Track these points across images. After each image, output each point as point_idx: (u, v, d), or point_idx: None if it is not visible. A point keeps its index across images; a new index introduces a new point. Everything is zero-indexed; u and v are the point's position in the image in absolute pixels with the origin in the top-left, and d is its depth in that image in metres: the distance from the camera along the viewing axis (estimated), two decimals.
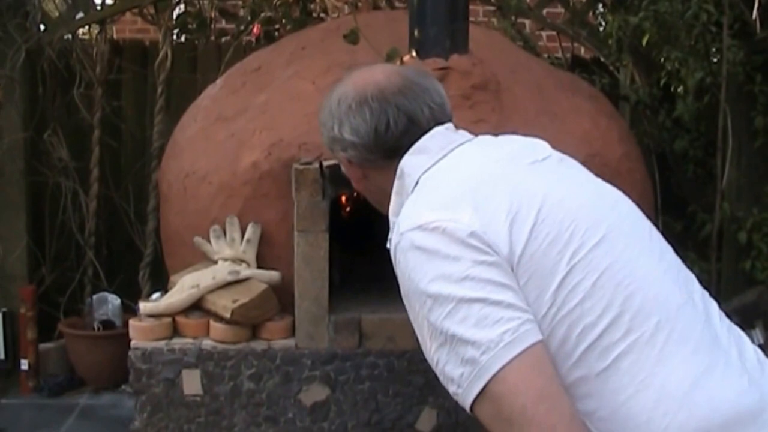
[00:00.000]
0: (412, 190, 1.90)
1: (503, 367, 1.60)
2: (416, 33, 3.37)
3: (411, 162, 1.93)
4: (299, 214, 3.22)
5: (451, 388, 1.72)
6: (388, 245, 1.85)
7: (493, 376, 1.60)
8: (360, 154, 2.01)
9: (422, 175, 1.90)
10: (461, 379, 1.67)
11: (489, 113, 3.42)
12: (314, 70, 3.65)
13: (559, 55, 5.43)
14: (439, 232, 1.70)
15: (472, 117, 3.37)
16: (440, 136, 1.97)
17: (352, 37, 3.38)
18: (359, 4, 4.97)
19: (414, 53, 3.37)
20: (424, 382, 3.27)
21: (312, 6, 5.43)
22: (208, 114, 3.81)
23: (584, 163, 3.37)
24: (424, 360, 3.17)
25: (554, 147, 3.40)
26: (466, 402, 1.68)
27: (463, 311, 1.65)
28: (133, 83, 5.45)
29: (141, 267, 5.25)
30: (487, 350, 1.61)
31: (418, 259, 1.72)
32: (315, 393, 3.27)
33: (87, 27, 5.45)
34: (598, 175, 3.36)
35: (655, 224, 3.41)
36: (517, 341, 1.60)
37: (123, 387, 4.65)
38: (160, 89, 5.18)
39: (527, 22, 6.01)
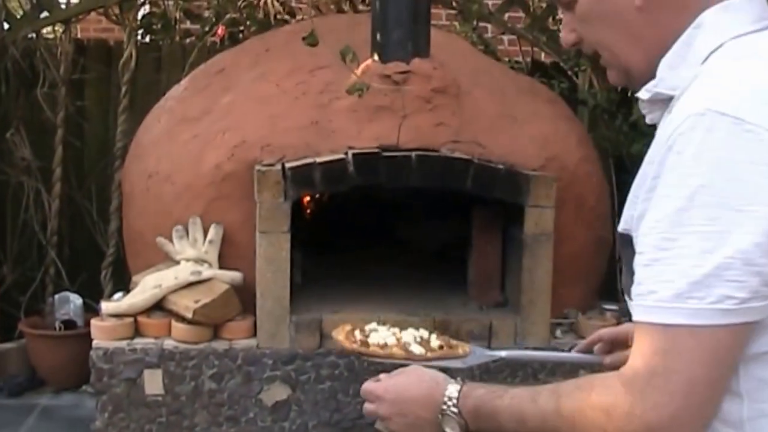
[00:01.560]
0: (711, 53, 1.56)
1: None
2: (378, 37, 3.43)
3: (719, 18, 1.58)
4: (261, 215, 3.26)
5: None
6: (643, 96, 1.64)
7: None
8: None
9: (730, 41, 1.56)
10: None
11: (449, 117, 3.47)
12: (278, 73, 3.70)
13: (520, 59, 5.49)
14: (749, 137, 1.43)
15: (432, 120, 3.43)
16: (754, 3, 1.61)
17: (310, 39, 3.42)
18: (320, 7, 5.01)
19: (376, 57, 3.41)
20: None
21: (275, 8, 5.45)
22: (172, 115, 3.85)
23: (543, 167, 3.49)
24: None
25: (512, 151, 3.50)
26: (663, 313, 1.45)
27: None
28: (97, 83, 5.46)
29: (103, 267, 5.25)
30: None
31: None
32: (276, 393, 3.31)
33: (51, 26, 5.44)
34: (557, 177, 3.47)
35: (612, 227, 3.50)
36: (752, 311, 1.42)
37: (84, 387, 4.64)
38: (124, 89, 5.18)
39: (489, 26, 6.06)
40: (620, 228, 1.64)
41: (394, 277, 3.84)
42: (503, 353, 2.22)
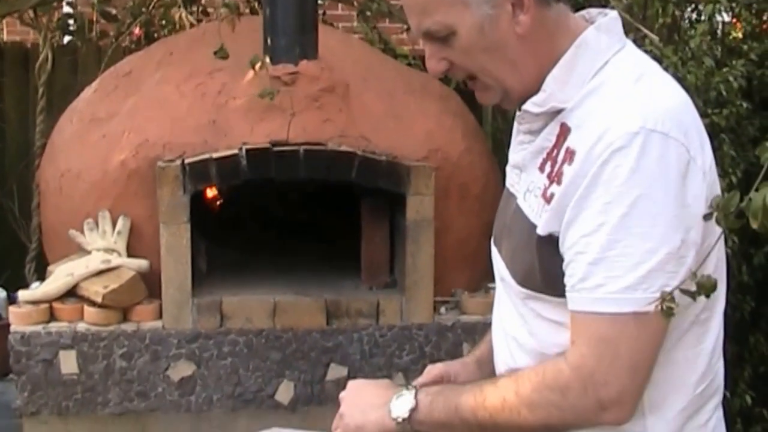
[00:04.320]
0: (599, 70, 1.79)
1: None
2: (269, 41, 3.70)
3: (599, 38, 1.79)
4: (162, 207, 3.53)
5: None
6: (534, 110, 1.83)
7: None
8: None
9: (613, 58, 1.79)
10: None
11: (336, 114, 3.75)
12: (178, 76, 3.94)
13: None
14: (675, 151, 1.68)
15: (320, 117, 3.71)
16: (618, 23, 1.84)
17: (221, 53, 3.66)
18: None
19: (267, 59, 3.69)
20: (281, 358, 3.61)
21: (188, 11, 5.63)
22: (82, 116, 4.08)
23: (425, 159, 3.78)
24: (280, 337, 3.54)
25: (397, 145, 3.78)
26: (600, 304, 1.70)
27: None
28: (15, 85, 5.62)
29: (26, 262, 5.44)
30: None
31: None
32: (182, 369, 3.57)
33: None
34: (439, 167, 3.75)
35: None
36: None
37: (11, 376, 4.83)
38: (41, 91, 5.32)
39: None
40: (541, 232, 1.79)
41: (293, 263, 4.10)
42: None
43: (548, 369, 1.77)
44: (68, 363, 3.53)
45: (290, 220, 4.46)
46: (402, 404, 1.92)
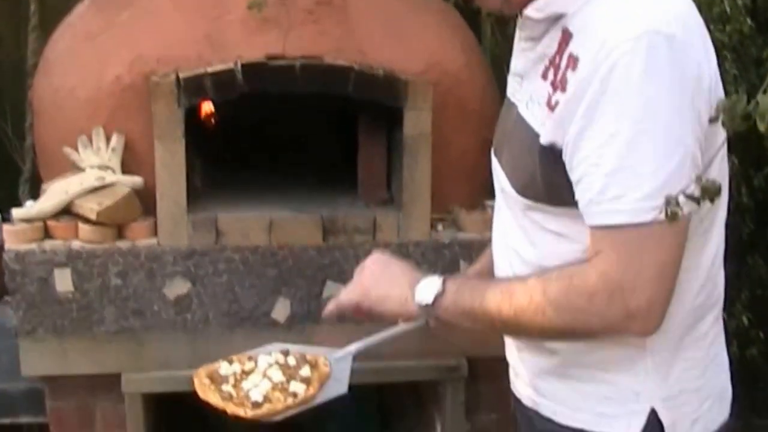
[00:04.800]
0: None
1: None
2: None
3: None
4: (156, 122, 3.47)
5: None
6: (535, 15, 1.83)
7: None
8: None
9: None
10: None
11: (333, 28, 3.69)
12: None
13: None
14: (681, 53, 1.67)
15: (316, 30, 3.65)
16: None
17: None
18: None
19: None
20: (277, 275, 3.58)
21: None
22: (75, 32, 4.00)
23: (423, 73, 3.72)
24: (276, 254, 3.51)
25: (395, 59, 3.73)
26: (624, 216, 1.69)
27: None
28: (5, 2, 5.53)
29: (21, 183, 5.41)
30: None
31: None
32: (177, 287, 3.54)
33: None
34: (437, 82, 3.70)
35: None
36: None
37: (6, 298, 4.82)
38: (33, 7, 5.28)
39: None
40: (544, 141, 1.78)
41: (289, 180, 4.07)
42: (353, 348, 2.19)
43: (576, 273, 1.75)
44: (63, 281, 3.49)
45: (286, 138, 4.40)
46: (428, 288, 1.92)
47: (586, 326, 1.76)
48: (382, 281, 2.03)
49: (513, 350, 2.17)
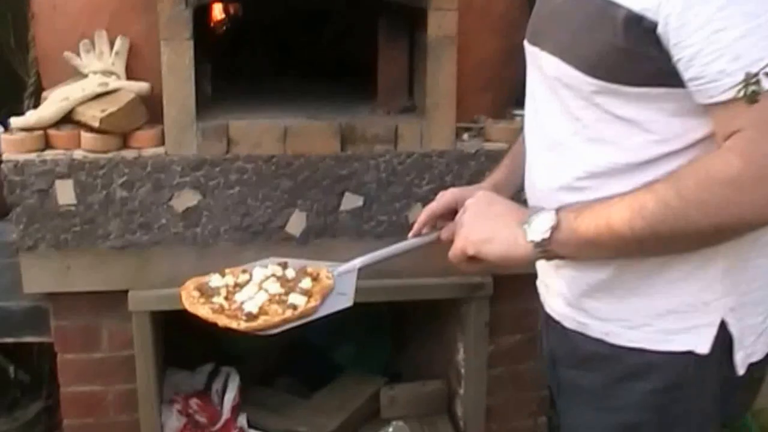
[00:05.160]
0: None
1: None
2: None
3: None
4: (163, 23, 3.25)
5: None
6: None
7: None
8: None
9: None
10: None
11: None
12: None
13: None
14: None
15: None
16: None
17: None
18: None
19: None
20: (292, 186, 3.38)
21: None
22: None
23: None
24: (291, 164, 3.31)
25: None
26: None
27: None
28: None
29: (25, 97, 5.21)
30: None
31: None
32: (186, 199, 3.34)
33: None
34: None
35: None
36: None
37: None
38: None
39: None
40: (625, 11, 1.58)
41: (305, 87, 3.87)
42: (357, 262, 2.13)
43: (711, 164, 1.54)
44: (65, 193, 3.30)
45: (301, 42, 4.19)
46: (541, 223, 1.71)
47: (740, 220, 1.53)
48: (487, 222, 1.83)
49: (548, 268, 1.97)
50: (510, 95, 3.83)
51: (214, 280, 2.13)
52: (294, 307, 1.98)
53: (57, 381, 3.56)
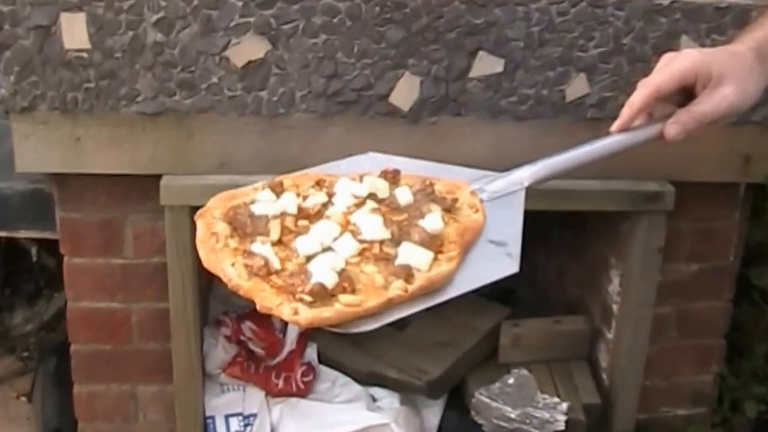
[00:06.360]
0: None
1: None
2: None
3: None
4: None
5: None
6: None
7: None
8: None
9: None
10: None
11: None
12: None
13: None
14: None
15: None
16: None
17: None
18: None
19: None
20: (402, 39, 2.45)
21: None
22: None
23: None
24: (403, 6, 2.29)
25: None
26: None
27: None
28: None
29: None
30: None
31: None
32: (249, 49, 2.44)
33: None
34: None
35: None
36: None
37: None
38: None
39: None
40: None
41: None
42: (526, 174, 1.43)
43: None
44: (75, 33, 2.41)
45: None
46: None
47: None
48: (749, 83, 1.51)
49: None
50: None
51: (263, 197, 1.30)
52: (409, 272, 1.18)
53: None
